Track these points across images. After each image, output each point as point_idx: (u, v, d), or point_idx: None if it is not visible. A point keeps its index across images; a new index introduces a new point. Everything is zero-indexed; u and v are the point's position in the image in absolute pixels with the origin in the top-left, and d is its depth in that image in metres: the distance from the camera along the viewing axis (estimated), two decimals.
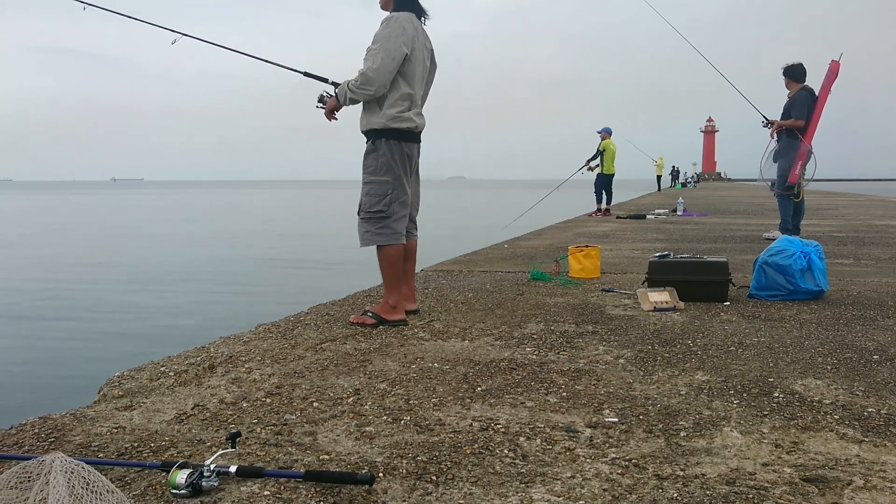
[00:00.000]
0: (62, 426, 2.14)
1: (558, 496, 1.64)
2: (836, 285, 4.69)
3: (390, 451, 1.92)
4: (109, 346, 6.98)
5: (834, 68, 7.64)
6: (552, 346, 3.10)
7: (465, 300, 4.28)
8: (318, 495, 1.65)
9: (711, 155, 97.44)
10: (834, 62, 7.66)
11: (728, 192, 31.56)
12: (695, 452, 1.90)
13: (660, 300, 3.96)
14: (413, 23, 3.49)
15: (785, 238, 4.46)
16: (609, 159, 14.02)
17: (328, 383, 2.56)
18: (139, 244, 18.31)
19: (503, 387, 2.50)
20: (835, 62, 7.66)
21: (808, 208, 8.82)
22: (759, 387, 2.49)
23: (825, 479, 1.73)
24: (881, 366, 2.76)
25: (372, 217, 3.49)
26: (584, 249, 5.34)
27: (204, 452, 1.92)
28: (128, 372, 2.73)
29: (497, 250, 7.47)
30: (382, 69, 3.36)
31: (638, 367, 2.76)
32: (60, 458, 1.42)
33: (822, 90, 7.65)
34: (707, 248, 7.47)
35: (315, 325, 3.55)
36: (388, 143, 3.47)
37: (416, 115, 3.53)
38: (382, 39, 3.38)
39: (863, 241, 8.27)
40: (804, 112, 7.57)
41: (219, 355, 2.97)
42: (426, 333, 3.36)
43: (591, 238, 8.78)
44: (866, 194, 29.53)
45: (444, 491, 1.67)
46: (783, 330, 3.42)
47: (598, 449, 1.93)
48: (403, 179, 3.52)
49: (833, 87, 7.65)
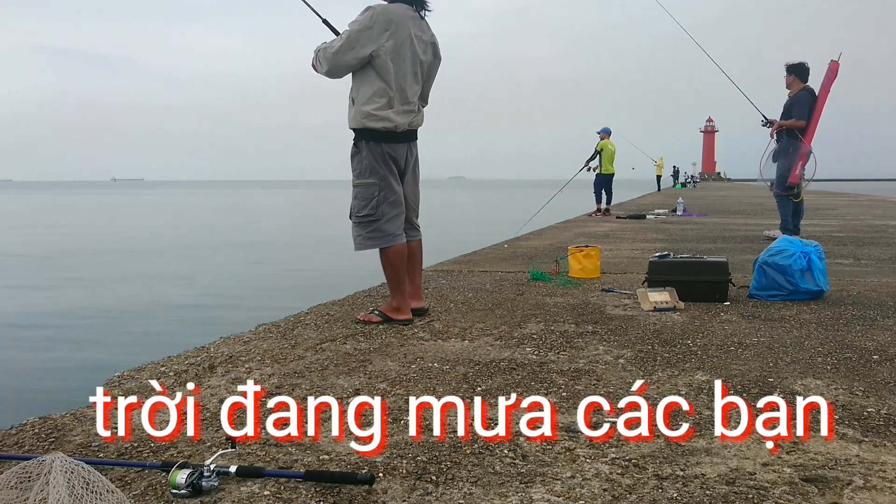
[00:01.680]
0: (62, 426, 2.14)
1: (558, 496, 1.64)
2: (836, 285, 4.69)
3: (390, 451, 1.92)
4: (109, 346, 6.97)
5: (833, 68, 7.63)
6: (552, 346, 3.10)
7: (465, 300, 4.28)
8: (318, 495, 1.65)
9: (711, 155, 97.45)
10: (833, 62, 7.64)
11: (728, 192, 31.56)
12: (695, 452, 1.90)
13: (660, 300, 3.96)
14: (395, 14, 3.34)
15: (785, 238, 4.47)
16: (608, 159, 14.01)
17: (328, 383, 2.56)
18: (139, 244, 18.31)
19: (503, 387, 2.50)
20: (834, 62, 7.64)
21: (808, 208, 8.82)
22: (759, 387, 2.49)
23: (825, 479, 1.73)
24: (881, 366, 2.76)
25: (361, 221, 3.46)
26: (584, 249, 5.34)
27: (204, 452, 1.92)
28: (128, 372, 2.74)
29: (497, 250, 7.47)
30: (338, 53, 3.32)
31: (638, 367, 2.76)
32: (60, 458, 1.42)
33: (821, 90, 7.64)
34: (707, 248, 7.47)
35: (315, 325, 3.55)
36: (367, 145, 3.41)
37: (397, 113, 3.39)
38: (351, 26, 3.33)
39: (863, 241, 8.27)
40: (805, 112, 7.56)
41: (219, 355, 2.97)
42: (426, 333, 3.36)
43: (591, 238, 8.77)
44: (866, 194, 29.52)
45: (444, 491, 1.67)
46: (783, 330, 3.42)
47: (598, 449, 1.93)
48: (390, 179, 3.45)
49: (832, 88, 7.65)
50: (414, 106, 3.50)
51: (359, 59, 3.33)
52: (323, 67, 3.41)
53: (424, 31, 3.51)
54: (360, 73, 3.40)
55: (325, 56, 3.37)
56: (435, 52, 3.59)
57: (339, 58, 3.34)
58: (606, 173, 14.11)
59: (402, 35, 3.37)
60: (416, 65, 3.46)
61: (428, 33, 3.54)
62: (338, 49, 3.32)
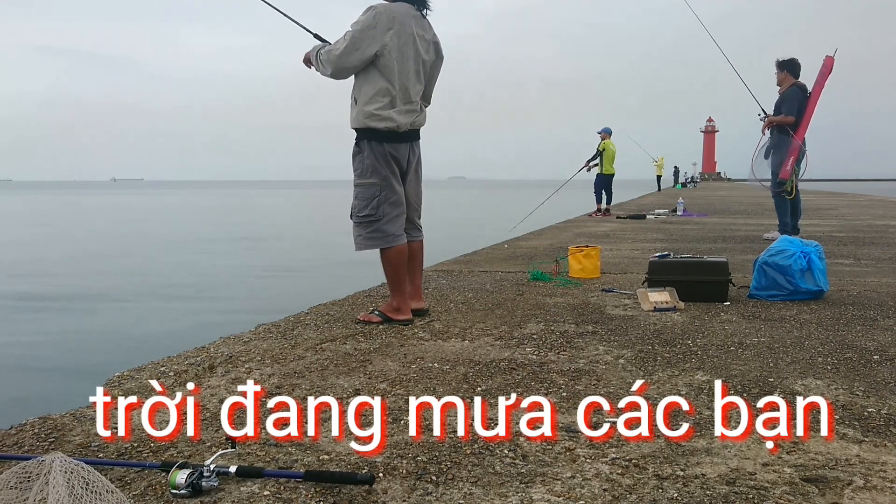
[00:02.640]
0: (62, 426, 2.14)
1: (558, 496, 1.64)
2: (836, 285, 4.69)
3: (390, 451, 1.92)
4: (109, 346, 6.97)
5: (828, 63, 7.61)
6: (552, 346, 3.10)
7: (465, 300, 4.28)
8: (318, 495, 1.64)
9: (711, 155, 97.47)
10: (828, 57, 7.63)
11: (728, 192, 31.55)
12: (695, 452, 1.90)
13: (660, 300, 3.96)
14: (397, 13, 3.34)
15: (785, 238, 4.46)
16: (608, 159, 14.02)
17: (328, 383, 2.56)
18: (139, 244, 18.30)
19: (503, 387, 2.50)
20: (829, 58, 7.63)
21: (808, 208, 8.82)
22: (759, 387, 2.49)
23: (825, 479, 1.73)
24: (881, 366, 2.76)
25: (362, 221, 3.46)
26: (584, 249, 5.34)
27: (204, 452, 1.92)
28: (128, 372, 2.74)
29: (497, 250, 7.47)
30: (343, 55, 3.31)
31: (638, 367, 2.76)
32: (60, 458, 1.42)
33: (815, 86, 7.62)
34: (707, 248, 7.47)
35: (315, 326, 3.55)
36: (369, 145, 3.40)
37: (399, 112, 3.38)
38: (354, 26, 3.32)
39: (863, 241, 8.27)
40: (794, 108, 7.55)
41: (219, 355, 2.97)
42: (426, 333, 3.36)
43: (591, 238, 8.77)
44: (866, 194, 29.52)
45: (444, 491, 1.67)
46: (783, 330, 3.42)
47: (598, 449, 1.93)
48: (392, 179, 3.45)
49: (827, 84, 7.63)
50: (416, 105, 3.48)
51: (364, 59, 3.33)
52: (327, 70, 3.39)
53: (426, 31, 3.50)
54: (363, 73, 3.39)
55: (329, 58, 3.36)
56: (437, 52, 3.57)
57: (343, 59, 3.33)
58: (607, 173, 14.11)
59: (405, 34, 3.36)
60: (419, 64, 3.45)
61: (430, 32, 3.52)
62: (342, 51, 3.31)
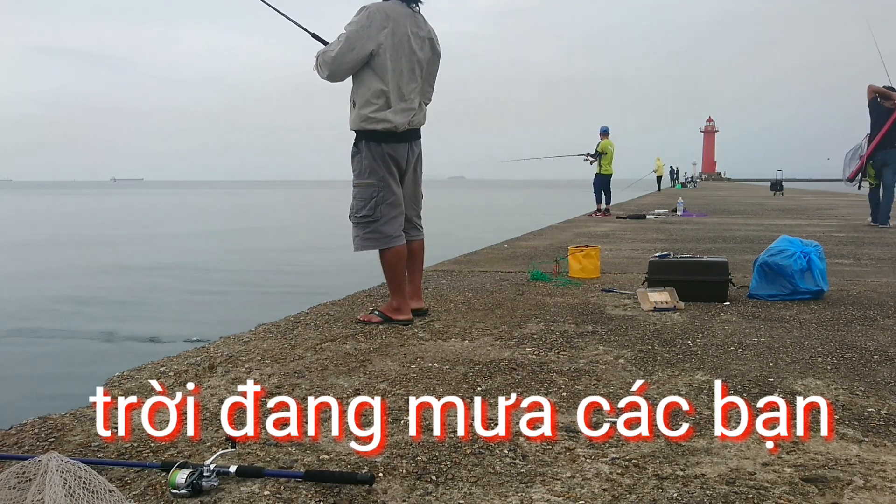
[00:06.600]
0: (62, 426, 2.14)
1: (558, 496, 1.64)
2: (836, 285, 4.69)
3: (390, 450, 1.92)
4: (109, 346, 6.97)
5: None
6: (552, 346, 3.10)
7: (464, 300, 4.28)
8: (318, 495, 1.64)
9: (711, 155, 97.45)
10: None
11: (728, 193, 31.55)
12: (695, 452, 1.90)
13: (660, 300, 3.96)
14: (391, 11, 3.34)
15: (785, 238, 4.46)
16: (607, 160, 14.02)
17: (328, 383, 2.56)
18: (139, 244, 18.30)
19: (503, 387, 2.50)
20: None
21: (807, 208, 8.83)
22: (759, 387, 2.49)
23: (825, 479, 1.73)
24: (881, 366, 2.76)
25: (360, 222, 3.46)
26: (584, 249, 5.34)
27: (204, 452, 1.92)
28: (128, 372, 2.74)
29: (497, 250, 7.47)
30: (339, 56, 3.30)
31: (638, 367, 2.76)
32: (56, 458, 1.42)
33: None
34: (707, 248, 7.47)
35: (315, 325, 3.55)
36: (367, 145, 3.41)
37: (395, 112, 3.37)
38: (348, 28, 3.32)
39: (863, 241, 8.27)
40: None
41: (219, 355, 2.97)
42: (426, 333, 3.36)
43: (591, 238, 8.77)
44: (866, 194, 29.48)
45: (444, 491, 1.67)
46: (783, 330, 3.42)
47: (598, 449, 1.93)
48: (390, 180, 3.44)
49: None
50: (413, 104, 3.46)
51: (360, 58, 3.32)
52: (324, 72, 3.39)
53: (421, 27, 3.47)
54: (358, 75, 3.40)
55: (325, 60, 3.35)
56: (433, 48, 3.55)
57: (339, 60, 3.32)
58: (605, 173, 14.11)
59: (400, 32, 3.35)
60: (414, 62, 3.44)
61: (425, 28, 3.50)
62: (338, 52, 3.30)
